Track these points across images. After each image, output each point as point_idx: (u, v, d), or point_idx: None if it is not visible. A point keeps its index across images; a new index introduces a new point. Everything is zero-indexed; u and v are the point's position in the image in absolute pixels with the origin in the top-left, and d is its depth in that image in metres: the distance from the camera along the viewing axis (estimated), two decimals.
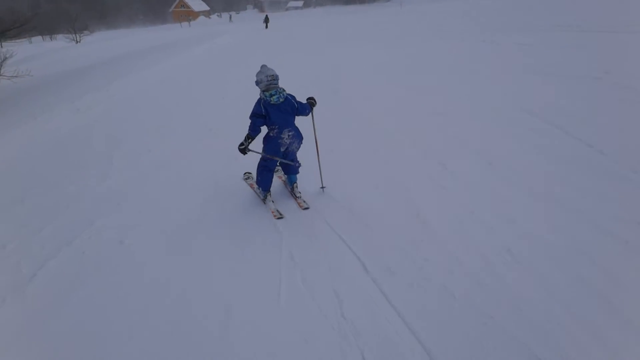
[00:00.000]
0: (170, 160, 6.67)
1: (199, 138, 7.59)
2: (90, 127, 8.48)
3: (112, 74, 12.58)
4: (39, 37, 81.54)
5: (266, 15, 37.81)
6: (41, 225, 4.99)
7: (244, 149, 4.48)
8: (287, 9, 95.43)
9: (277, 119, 4.37)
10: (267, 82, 4.33)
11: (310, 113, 4.76)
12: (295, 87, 5.38)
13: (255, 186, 5.16)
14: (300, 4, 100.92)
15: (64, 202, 5.57)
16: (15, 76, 15.47)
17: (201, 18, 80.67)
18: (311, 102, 4.72)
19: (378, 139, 6.75)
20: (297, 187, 5.00)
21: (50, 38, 70.44)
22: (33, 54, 31.38)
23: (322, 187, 5.06)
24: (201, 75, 13.09)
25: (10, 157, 7.17)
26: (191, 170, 6.21)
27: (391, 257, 3.89)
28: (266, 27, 34.86)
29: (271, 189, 5.01)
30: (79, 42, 50.08)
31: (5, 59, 16.98)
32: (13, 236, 4.83)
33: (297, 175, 5.06)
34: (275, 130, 4.45)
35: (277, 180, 5.44)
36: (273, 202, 4.90)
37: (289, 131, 4.48)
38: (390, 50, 15.03)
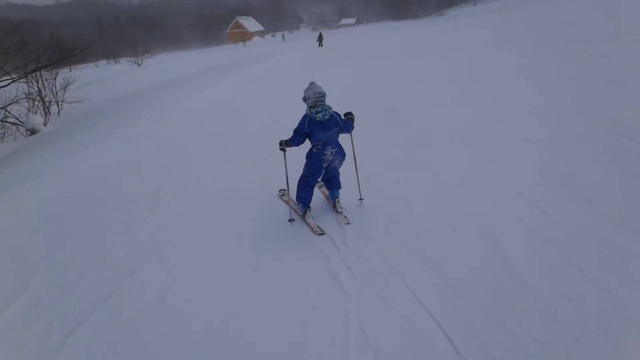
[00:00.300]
0: (221, 195, 5.95)
1: (253, 167, 6.81)
2: (141, 156, 7.93)
3: (167, 98, 12.20)
4: (104, 61, 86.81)
5: (320, 34, 37.10)
6: (79, 275, 4.47)
7: (282, 148, 4.68)
8: (339, 27, 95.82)
9: (321, 136, 4.40)
10: (315, 99, 4.35)
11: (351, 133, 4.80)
12: (353, 107, 5.28)
13: (293, 202, 5.08)
14: (353, 21, 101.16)
15: (106, 246, 4.95)
16: (77, 101, 15.62)
17: (256, 38, 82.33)
18: (350, 118, 4.71)
19: (449, 167, 5.92)
20: (339, 202, 4.95)
21: (115, 61, 74.30)
22: (97, 77, 32.74)
23: (361, 199, 5.00)
24: (255, 97, 12.44)
25: (56, 193, 6.66)
26: (243, 206, 5.52)
27: (487, 333, 3.06)
28: (320, 45, 34.34)
29: (312, 204, 4.93)
30: (141, 64, 52.06)
31: (68, 84, 17.19)
32: (48, 288, 4.32)
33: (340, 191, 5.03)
34: (319, 147, 4.48)
35: (318, 194, 5.36)
36: (312, 218, 4.81)
37: (332, 148, 4.52)
38: (450, 64, 14.23)
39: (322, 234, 4.54)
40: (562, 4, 37.51)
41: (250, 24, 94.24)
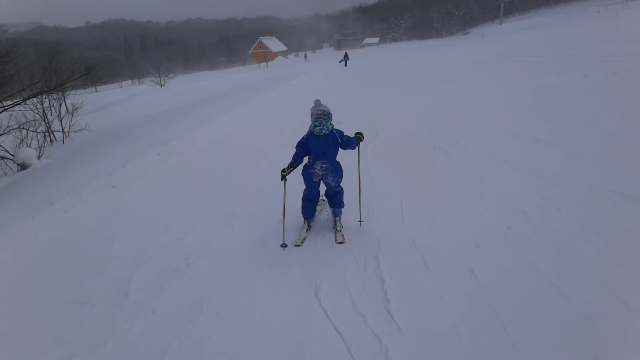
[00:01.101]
0: (241, 258, 4.49)
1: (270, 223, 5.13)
2: (122, 215, 6.01)
3: (175, 128, 10.57)
4: (130, 81, 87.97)
5: (345, 53, 34.99)
6: None
7: (283, 176, 4.56)
8: (362, 46, 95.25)
9: (314, 149, 4.50)
10: (317, 115, 4.54)
11: (357, 147, 4.73)
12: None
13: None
14: (376, 40, 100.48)
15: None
16: (77, 131, 14.24)
17: (279, 58, 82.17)
18: (358, 137, 4.70)
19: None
20: (339, 221, 4.82)
21: (139, 82, 74.92)
22: (116, 99, 31.99)
23: (360, 221, 4.79)
24: (275, 126, 10.72)
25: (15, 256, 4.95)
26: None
27: None
28: (345, 64, 32.71)
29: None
30: (163, 85, 51.71)
31: (76, 108, 15.89)
32: None
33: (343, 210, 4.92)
34: (310, 160, 4.57)
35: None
36: (307, 230, 4.83)
37: (323, 163, 4.52)
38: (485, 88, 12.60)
39: (298, 245, 4.57)
40: (581, 22, 35.90)
41: (274, 44, 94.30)
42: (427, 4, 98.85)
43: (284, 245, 4.50)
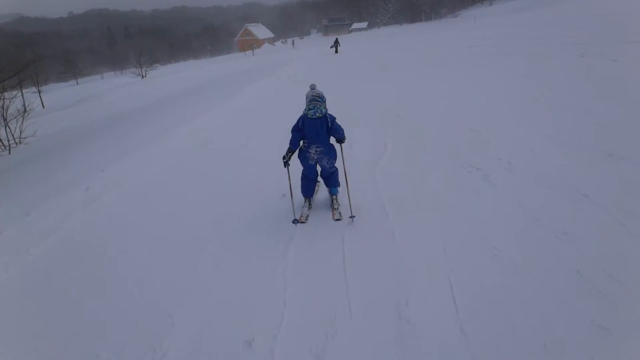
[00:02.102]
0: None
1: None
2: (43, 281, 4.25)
3: (138, 138, 8.76)
4: (112, 73, 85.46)
5: (336, 39, 32.61)
6: None
7: (285, 162, 4.69)
8: (350, 31, 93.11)
9: (309, 133, 4.53)
10: (311, 97, 4.57)
11: (341, 145, 4.83)
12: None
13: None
14: (365, 25, 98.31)
15: None
16: (26, 137, 12.19)
17: (265, 45, 79.87)
18: (342, 140, 4.78)
19: None
20: (336, 199, 4.92)
21: (122, 72, 72.48)
22: (92, 93, 30.12)
23: (352, 217, 4.61)
24: (258, 132, 8.97)
25: None
26: None
27: None
28: (336, 51, 30.82)
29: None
30: (145, 76, 49.60)
31: (25, 112, 13.38)
32: None
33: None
34: (305, 144, 4.62)
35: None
36: (309, 208, 4.94)
37: (317, 147, 4.57)
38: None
39: (303, 222, 4.71)
40: (573, 3, 34.58)
41: (260, 30, 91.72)
42: None
43: (295, 221, 4.71)
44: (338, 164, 4.86)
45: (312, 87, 4.72)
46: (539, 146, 5.85)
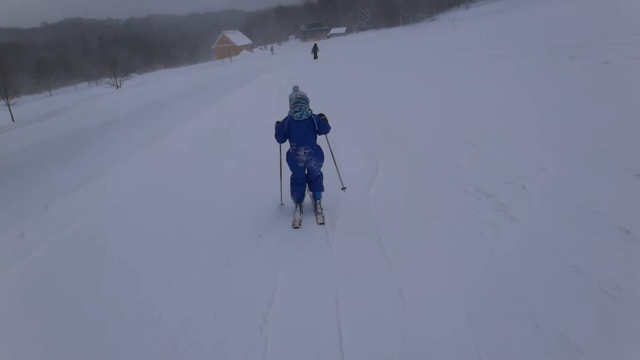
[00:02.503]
0: None
1: None
2: None
3: (94, 164, 7.65)
4: (87, 83, 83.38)
5: (315, 44, 32.29)
6: None
7: (278, 123, 4.72)
8: (329, 36, 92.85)
9: (295, 136, 4.52)
10: (295, 99, 4.58)
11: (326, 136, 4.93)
12: None
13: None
14: (343, 30, 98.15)
15: None
16: None
17: (244, 52, 79.00)
18: (324, 118, 4.75)
19: None
20: (319, 204, 4.92)
21: (96, 83, 70.68)
22: (63, 105, 28.80)
23: (343, 188, 5.06)
24: (227, 160, 7.56)
25: None
26: None
27: None
28: (315, 57, 30.11)
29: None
30: (120, 86, 48.16)
31: None
32: None
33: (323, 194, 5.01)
34: (294, 147, 4.60)
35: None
36: (301, 212, 4.87)
37: (306, 149, 4.55)
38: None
39: (297, 227, 4.63)
40: (551, 5, 34.56)
41: (238, 37, 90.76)
42: None
43: (282, 205, 5.05)
44: (325, 150, 4.84)
45: (295, 89, 4.75)
46: (552, 164, 5.03)
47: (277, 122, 4.73)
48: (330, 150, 5.02)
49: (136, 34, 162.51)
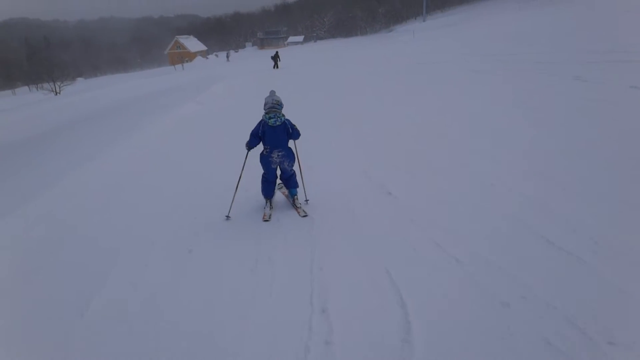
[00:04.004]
0: None
1: None
2: None
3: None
4: (26, 88, 77.42)
5: (276, 52, 29.46)
6: None
7: (247, 148, 4.97)
8: (287, 44, 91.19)
9: (270, 140, 4.76)
10: (271, 105, 4.73)
11: (294, 142, 5.06)
12: None
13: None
14: (301, 38, 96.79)
15: None
16: None
17: (198, 59, 75.67)
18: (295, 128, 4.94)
19: None
20: (297, 199, 5.16)
21: (37, 88, 65.58)
22: None
23: (306, 200, 5.20)
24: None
25: None
26: None
27: None
28: (275, 66, 27.67)
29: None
30: (59, 93, 44.13)
31: None
32: None
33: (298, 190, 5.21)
34: (267, 150, 4.82)
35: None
36: (271, 208, 5.11)
37: (279, 151, 4.81)
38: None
39: (267, 220, 4.88)
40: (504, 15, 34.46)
41: (192, 43, 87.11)
42: (350, 1, 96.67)
43: (227, 217, 4.99)
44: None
45: (272, 94, 4.84)
46: (606, 208, 3.84)
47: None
48: (297, 156, 5.12)
49: (86, 36, 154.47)
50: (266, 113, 4.72)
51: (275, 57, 28.14)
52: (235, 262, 4.05)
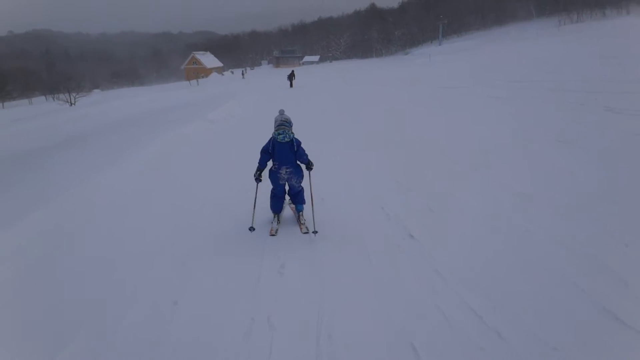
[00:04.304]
0: None
1: None
2: None
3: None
4: (43, 97, 78.49)
5: (292, 71, 29.04)
6: None
7: (257, 178, 4.90)
8: (302, 64, 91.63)
9: (279, 156, 4.81)
10: (280, 122, 4.82)
11: (309, 170, 4.99)
12: None
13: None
14: (316, 58, 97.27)
15: None
16: None
17: (214, 75, 76.25)
18: (310, 164, 4.95)
19: None
20: (302, 215, 5.21)
21: (53, 98, 66.47)
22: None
23: (315, 232, 4.86)
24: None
25: None
26: None
27: None
28: (291, 85, 27.30)
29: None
30: (74, 104, 44.39)
31: None
32: None
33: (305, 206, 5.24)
34: (276, 166, 4.88)
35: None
36: (278, 223, 5.12)
37: (287, 168, 4.86)
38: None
39: (274, 235, 4.92)
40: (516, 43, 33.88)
41: (208, 59, 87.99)
42: (367, 23, 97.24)
43: (251, 229, 4.93)
44: (305, 185, 5.13)
45: (281, 112, 4.98)
46: None
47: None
48: (311, 192, 5.10)
49: (106, 49, 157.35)
50: (275, 130, 4.79)
51: (291, 77, 27.77)
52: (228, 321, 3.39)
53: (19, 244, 4.68)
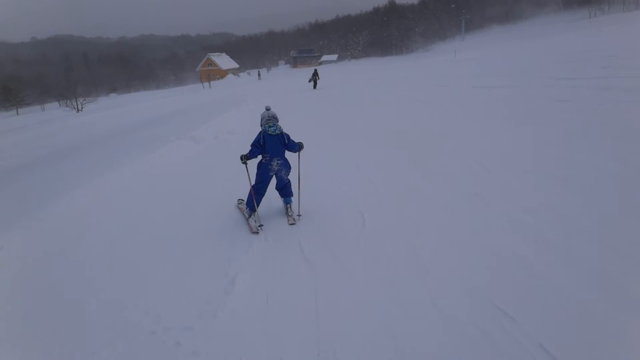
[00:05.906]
0: None
1: None
2: None
3: None
4: (57, 103, 77.69)
5: (315, 70, 25.24)
6: None
7: (244, 162, 4.80)
8: (320, 63, 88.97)
9: (270, 148, 4.83)
10: (267, 118, 4.91)
11: (298, 152, 5.08)
12: None
13: (245, 209, 5.20)
14: (335, 57, 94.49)
15: None
16: None
17: (229, 76, 74.29)
18: (300, 145, 5.04)
19: None
20: (290, 207, 5.16)
21: (66, 104, 65.41)
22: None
23: (299, 215, 5.06)
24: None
25: None
26: None
27: None
28: (314, 86, 23.70)
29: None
30: (81, 110, 42.66)
31: None
32: None
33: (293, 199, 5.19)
34: (267, 158, 4.87)
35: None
36: (255, 221, 4.94)
37: (278, 160, 4.90)
38: None
39: (256, 232, 4.78)
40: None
41: (224, 60, 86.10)
42: (385, 20, 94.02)
43: (261, 225, 4.91)
44: (294, 171, 5.10)
45: (268, 109, 5.03)
46: None
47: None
48: (299, 171, 5.15)
49: (125, 52, 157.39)
50: (265, 123, 4.85)
51: (314, 76, 24.13)
52: None
53: None
